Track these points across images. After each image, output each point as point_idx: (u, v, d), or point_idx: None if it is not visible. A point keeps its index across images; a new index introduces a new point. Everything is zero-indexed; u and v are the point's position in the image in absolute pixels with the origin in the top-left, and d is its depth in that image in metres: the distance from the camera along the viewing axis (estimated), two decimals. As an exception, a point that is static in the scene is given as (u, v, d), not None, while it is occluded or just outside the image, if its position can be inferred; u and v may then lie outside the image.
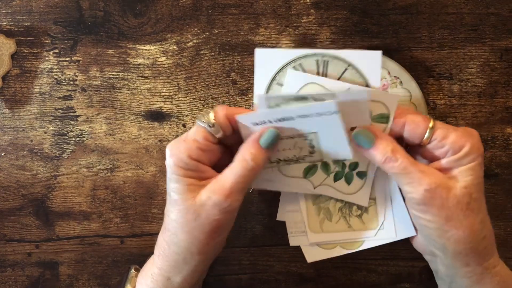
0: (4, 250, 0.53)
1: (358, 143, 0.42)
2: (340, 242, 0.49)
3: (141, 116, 0.52)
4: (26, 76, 0.52)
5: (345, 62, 0.43)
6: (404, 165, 0.41)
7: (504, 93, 0.51)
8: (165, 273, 0.42)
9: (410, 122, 0.42)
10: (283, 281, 0.53)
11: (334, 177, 0.47)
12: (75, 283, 0.53)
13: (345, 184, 0.47)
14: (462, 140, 0.41)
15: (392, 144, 0.41)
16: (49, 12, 0.51)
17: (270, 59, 0.43)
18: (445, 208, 0.40)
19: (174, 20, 0.51)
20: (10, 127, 0.52)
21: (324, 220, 0.48)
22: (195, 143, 0.41)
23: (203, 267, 0.44)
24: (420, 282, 0.53)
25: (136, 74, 0.52)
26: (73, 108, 0.52)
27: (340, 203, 0.48)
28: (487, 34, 0.51)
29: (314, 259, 0.49)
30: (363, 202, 0.47)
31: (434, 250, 0.43)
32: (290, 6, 0.51)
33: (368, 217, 0.48)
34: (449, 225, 0.40)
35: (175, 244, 0.41)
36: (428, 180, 0.40)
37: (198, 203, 0.40)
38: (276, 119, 0.41)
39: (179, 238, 0.41)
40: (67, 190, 0.53)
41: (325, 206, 0.48)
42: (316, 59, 0.43)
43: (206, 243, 0.41)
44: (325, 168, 0.46)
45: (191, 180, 0.41)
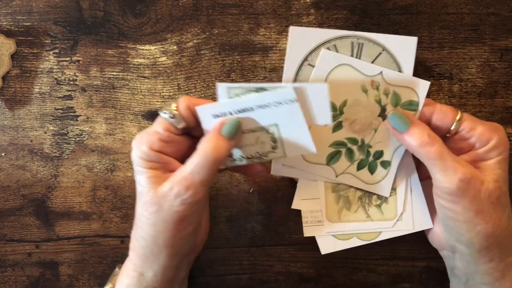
0: (4, 250, 0.53)
1: (394, 126, 0.42)
2: (357, 233, 0.48)
3: (141, 116, 0.52)
4: (26, 76, 0.52)
5: (380, 46, 0.42)
6: (440, 150, 0.40)
7: (504, 93, 0.51)
8: (138, 268, 0.42)
9: (438, 111, 0.42)
10: (283, 281, 0.53)
11: (358, 166, 0.46)
12: (75, 283, 0.53)
13: (368, 173, 0.46)
14: (489, 133, 0.41)
15: (428, 129, 0.41)
16: (49, 12, 0.51)
17: (304, 39, 0.42)
18: (477, 201, 0.39)
19: (174, 20, 0.51)
20: (10, 127, 0.52)
21: (343, 209, 0.47)
22: (156, 135, 0.41)
23: (175, 262, 0.42)
24: (420, 282, 0.53)
25: (136, 74, 0.52)
26: (73, 108, 0.52)
27: (360, 192, 0.47)
28: (487, 34, 0.51)
29: (329, 250, 0.48)
30: (385, 193, 0.46)
31: (457, 244, 0.42)
32: (290, 6, 0.51)
33: (387, 207, 0.47)
34: (479, 218, 0.40)
35: (142, 238, 0.41)
36: (463, 169, 0.39)
37: (160, 194, 0.40)
38: (235, 110, 0.40)
39: (145, 231, 0.41)
40: (67, 190, 0.53)
41: (345, 194, 0.47)
42: (351, 41, 0.42)
43: (171, 235, 0.40)
44: (349, 155, 0.45)
45: (154, 171, 0.40)
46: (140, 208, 0.41)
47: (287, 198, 0.52)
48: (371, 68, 0.42)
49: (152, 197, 0.40)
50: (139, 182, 0.41)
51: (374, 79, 0.43)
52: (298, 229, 0.52)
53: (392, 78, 0.43)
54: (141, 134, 0.41)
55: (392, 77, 0.43)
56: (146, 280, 0.42)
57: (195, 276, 0.53)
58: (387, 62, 0.43)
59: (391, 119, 0.42)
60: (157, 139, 0.41)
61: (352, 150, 0.45)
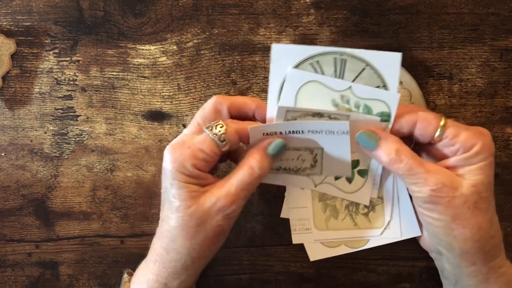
0: (4, 250, 0.53)
1: (362, 144, 0.42)
2: (345, 240, 0.48)
3: (141, 116, 0.52)
4: (26, 76, 0.52)
5: (363, 61, 0.42)
6: (409, 165, 0.40)
7: (504, 93, 0.51)
8: (162, 279, 0.42)
9: (421, 120, 0.42)
10: (283, 281, 0.53)
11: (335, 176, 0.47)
12: (75, 283, 0.53)
13: (346, 182, 0.47)
14: (473, 139, 0.41)
15: (396, 144, 0.41)
16: (49, 12, 0.51)
17: (286, 56, 0.42)
18: (452, 207, 0.40)
19: (174, 20, 0.51)
20: (10, 127, 0.52)
21: (330, 218, 0.48)
22: (201, 153, 0.40)
23: (200, 270, 0.44)
24: (420, 282, 0.53)
25: (136, 74, 0.52)
26: (73, 108, 0.52)
27: (347, 201, 0.48)
28: (487, 34, 0.51)
29: (317, 257, 0.49)
30: (365, 201, 0.47)
31: (440, 248, 0.43)
32: (290, 6, 0.51)
33: (374, 216, 0.48)
34: (456, 223, 0.40)
35: (174, 250, 0.41)
36: (434, 179, 0.40)
37: (202, 209, 0.40)
38: (287, 131, 0.41)
39: (180, 244, 0.41)
40: (67, 190, 0.53)
41: (331, 203, 0.48)
42: (334, 57, 0.42)
43: (207, 248, 0.41)
44: None
45: (193, 186, 0.41)
46: (174, 221, 0.41)
47: (287, 198, 0.52)
48: (339, 83, 0.43)
49: (193, 212, 0.40)
50: (176, 195, 0.40)
51: (343, 94, 0.43)
52: (298, 229, 0.52)
53: (361, 92, 0.43)
54: (182, 147, 0.41)
55: (361, 91, 0.42)
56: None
57: (195, 276, 0.53)
58: (371, 78, 0.42)
59: (359, 138, 0.42)
60: (202, 158, 0.40)
61: None
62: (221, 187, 0.41)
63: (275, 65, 0.42)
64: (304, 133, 0.41)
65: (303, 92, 0.43)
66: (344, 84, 0.42)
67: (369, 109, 0.43)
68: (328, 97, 0.43)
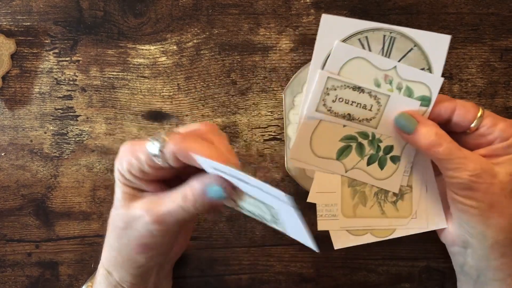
0: (4, 250, 0.53)
1: (400, 128, 0.42)
2: (371, 229, 0.47)
3: (141, 116, 0.52)
4: (26, 76, 0.52)
5: (412, 41, 0.42)
6: (448, 150, 0.40)
7: (504, 93, 0.51)
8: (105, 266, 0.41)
9: (460, 107, 0.41)
10: (283, 281, 0.53)
11: (368, 161, 0.45)
12: (75, 283, 0.53)
13: (378, 168, 0.45)
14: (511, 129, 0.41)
15: (435, 129, 0.41)
16: (49, 12, 0.51)
17: (335, 28, 0.41)
18: (490, 194, 0.40)
19: (174, 20, 0.51)
20: (10, 127, 0.52)
21: (359, 205, 0.47)
22: (137, 160, 0.37)
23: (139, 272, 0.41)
24: (420, 282, 0.53)
25: (136, 74, 0.52)
26: (73, 108, 0.52)
27: (376, 188, 0.46)
28: (487, 34, 0.51)
29: (342, 245, 0.47)
30: (394, 188, 0.46)
31: (470, 239, 0.42)
32: (290, 6, 0.51)
33: (402, 205, 0.47)
34: (492, 211, 0.40)
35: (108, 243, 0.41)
36: (473, 165, 0.40)
37: (130, 214, 0.38)
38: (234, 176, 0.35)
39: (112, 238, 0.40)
40: (67, 190, 0.53)
41: (361, 189, 0.46)
42: (384, 34, 0.42)
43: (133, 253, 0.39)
44: (359, 149, 0.45)
45: (129, 189, 0.39)
46: (111, 215, 0.40)
47: (287, 198, 0.52)
48: (385, 62, 0.42)
49: (122, 214, 0.39)
50: (116, 191, 0.39)
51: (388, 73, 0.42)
52: (298, 229, 0.52)
53: (405, 73, 0.42)
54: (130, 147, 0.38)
55: (405, 72, 0.42)
56: (114, 279, 0.41)
57: (195, 276, 0.53)
58: (418, 59, 0.42)
59: (397, 121, 0.42)
60: (137, 166, 0.37)
61: (363, 144, 0.45)
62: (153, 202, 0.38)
63: (322, 36, 0.41)
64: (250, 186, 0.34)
65: (347, 67, 0.42)
66: (390, 63, 0.42)
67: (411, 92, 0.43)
68: (371, 75, 0.43)
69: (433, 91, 0.42)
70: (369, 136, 0.45)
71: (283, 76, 0.51)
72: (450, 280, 0.52)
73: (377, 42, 0.42)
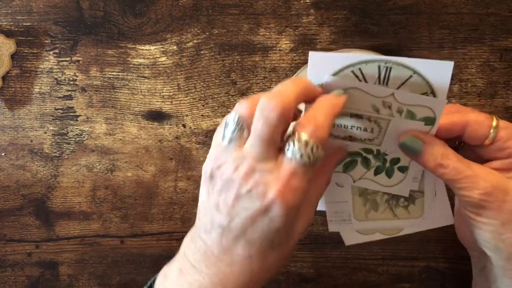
0: (4, 250, 0.53)
1: (406, 151, 0.40)
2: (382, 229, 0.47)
3: (141, 116, 0.52)
4: (26, 76, 0.52)
5: (410, 69, 0.39)
6: (455, 171, 0.39)
7: (504, 93, 0.51)
8: None
9: (472, 123, 0.40)
10: (283, 281, 0.53)
11: (375, 172, 0.45)
12: (75, 283, 0.53)
13: (386, 177, 0.45)
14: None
15: (441, 149, 0.39)
16: (49, 12, 0.51)
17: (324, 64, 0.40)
18: (503, 211, 0.38)
19: (174, 20, 0.51)
20: (10, 127, 0.52)
21: (370, 210, 0.46)
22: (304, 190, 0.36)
23: None
24: (420, 282, 0.53)
25: (136, 74, 0.52)
26: (73, 108, 0.52)
27: (388, 196, 0.46)
28: (487, 34, 0.51)
29: (352, 242, 0.47)
30: (404, 193, 0.45)
31: (486, 250, 0.41)
32: (290, 6, 0.51)
33: (414, 208, 0.46)
34: (506, 228, 0.39)
35: None
36: (483, 183, 0.38)
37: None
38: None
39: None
40: (67, 190, 0.53)
41: (372, 198, 0.46)
42: (378, 65, 0.40)
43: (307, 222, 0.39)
44: (365, 163, 0.44)
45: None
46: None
47: (287, 198, 0.52)
48: (381, 90, 0.40)
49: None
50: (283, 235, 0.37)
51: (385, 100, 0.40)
52: (298, 229, 0.52)
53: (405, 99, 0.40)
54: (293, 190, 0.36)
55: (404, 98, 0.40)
56: None
57: (195, 276, 0.53)
58: (419, 85, 0.40)
59: (402, 145, 0.40)
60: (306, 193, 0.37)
61: (368, 158, 0.44)
62: None
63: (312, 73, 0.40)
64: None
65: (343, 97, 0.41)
66: (387, 91, 0.40)
67: (413, 114, 0.41)
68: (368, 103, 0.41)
69: (437, 113, 0.40)
70: (374, 151, 0.44)
71: (283, 76, 0.51)
72: (450, 280, 0.52)
73: (371, 72, 0.40)
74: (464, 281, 0.53)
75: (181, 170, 0.52)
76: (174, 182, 0.52)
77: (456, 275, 0.48)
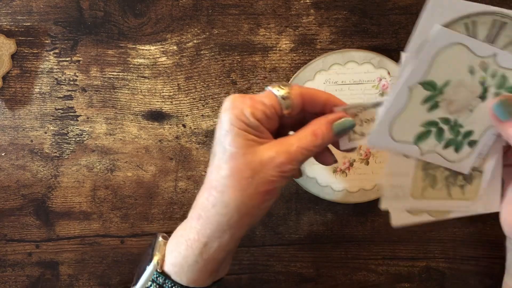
0: (4, 250, 0.53)
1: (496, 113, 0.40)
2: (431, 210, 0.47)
3: (141, 116, 0.52)
4: (26, 76, 0.52)
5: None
6: None
7: (504, 93, 0.51)
8: (203, 238, 0.40)
9: None
10: (283, 281, 0.53)
11: (445, 144, 0.44)
12: (75, 283, 0.53)
13: (453, 151, 0.44)
14: None
15: None
16: (49, 12, 0.52)
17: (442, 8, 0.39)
18: None
19: (174, 20, 0.51)
20: (10, 127, 0.52)
21: (427, 187, 0.46)
22: (261, 105, 0.39)
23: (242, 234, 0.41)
24: (420, 282, 0.53)
25: (136, 74, 0.52)
26: (73, 108, 0.52)
27: (448, 172, 0.45)
28: (487, 34, 0.51)
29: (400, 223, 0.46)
30: (465, 170, 0.45)
31: None
32: (290, 6, 0.51)
33: (470, 189, 0.46)
34: None
35: (222, 204, 0.39)
36: None
37: (258, 159, 0.38)
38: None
39: (229, 196, 0.38)
40: (67, 190, 0.53)
41: (432, 173, 0.46)
42: (494, 19, 0.39)
43: (256, 204, 0.39)
44: (439, 135, 0.44)
45: (251, 135, 0.39)
46: (227, 171, 0.38)
47: (287, 198, 0.52)
48: (485, 49, 0.40)
49: (249, 161, 0.38)
50: (232, 143, 0.38)
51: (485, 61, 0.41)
52: (298, 229, 0.52)
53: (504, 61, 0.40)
54: (243, 97, 0.39)
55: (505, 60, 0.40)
56: (208, 251, 0.40)
57: (195, 276, 0.53)
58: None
59: (497, 106, 0.40)
60: (261, 109, 0.39)
61: (443, 129, 0.44)
62: (280, 144, 0.39)
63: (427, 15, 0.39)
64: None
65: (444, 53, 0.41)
66: (490, 49, 0.40)
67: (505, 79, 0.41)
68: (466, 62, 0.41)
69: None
70: (451, 122, 0.43)
71: (283, 76, 0.51)
72: (450, 280, 0.52)
73: (484, 27, 0.40)
74: (464, 281, 0.53)
75: (181, 170, 0.52)
76: (174, 182, 0.52)
77: (456, 275, 0.48)
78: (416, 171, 0.45)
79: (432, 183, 0.46)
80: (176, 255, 0.41)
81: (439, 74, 0.41)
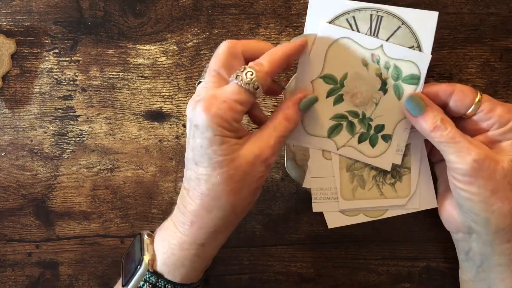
0: (4, 250, 0.53)
1: (409, 109, 0.42)
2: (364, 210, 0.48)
3: (141, 116, 0.52)
4: (26, 76, 0.52)
5: (399, 19, 0.42)
6: (452, 134, 0.40)
7: (504, 93, 0.51)
8: (200, 240, 0.41)
9: (458, 92, 0.42)
10: (283, 281, 0.53)
11: (359, 139, 0.46)
12: (75, 283, 0.53)
13: (369, 146, 0.46)
14: (509, 114, 0.41)
15: (441, 114, 0.41)
16: (49, 12, 0.51)
17: (324, 8, 0.43)
18: (492, 180, 0.40)
19: (174, 20, 0.51)
20: (10, 127, 0.52)
21: (357, 188, 0.47)
22: (239, 106, 0.39)
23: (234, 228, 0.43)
24: (420, 282, 0.53)
25: (136, 74, 0.52)
26: (73, 108, 0.52)
27: (375, 171, 0.47)
28: (487, 34, 0.51)
29: (335, 225, 0.48)
30: (386, 166, 0.46)
31: (474, 225, 0.42)
32: (290, 6, 0.51)
33: (401, 186, 0.47)
34: (495, 197, 0.40)
35: (219, 208, 0.40)
36: (477, 150, 0.40)
37: (245, 162, 0.39)
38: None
39: (225, 201, 0.39)
40: (67, 190, 0.53)
41: (359, 173, 0.47)
42: (370, 14, 0.43)
43: (248, 202, 0.41)
44: (350, 128, 0.46)
45: (233, 140, 0.39)
46: (218, 178, 0.39)
47: (286, 197, 0.52)
48: (371, 41, 0.43)
49: (238, 165, 0.39)
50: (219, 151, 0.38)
51: (374, 53, 0.43)
52: (298, 229, 0.52)
53: (392, 52, 0.43)
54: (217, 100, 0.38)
55: (392, 51, 0.43)
56: (206, 250, 0.42)
57: (195, 276, 0.53)
58: (406, 37, 0.43)
59: (407, 102, 0.42)
60: (240, 111, 0.39)
61: (353, 123, 0.45)
62: (259, 139, 0.40)
63: (311, 16, 0.43)
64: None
65: (334, 48, 0.43)
66: (376, 42, 0.43)
67: (399, 70, 0.43)
68: (358, 55, 0.43)
69: (422, 69, 0.42)
70: (360, 115, 0.45)
71: (283, 76, 0.51)
72: (450, 280, 0.52)
73: (364, 22, 0.43)
74: (464, 281, 0.53)
75: (181, 170, 0.52)
76: (174, 182, 0.52)
77: (456, 275, 0.48)
78: (340, 172, 0.47)
79: (361, 183, 0.47)
80: (169, 256, 0.42)
81: (335, 68, 0.44)
